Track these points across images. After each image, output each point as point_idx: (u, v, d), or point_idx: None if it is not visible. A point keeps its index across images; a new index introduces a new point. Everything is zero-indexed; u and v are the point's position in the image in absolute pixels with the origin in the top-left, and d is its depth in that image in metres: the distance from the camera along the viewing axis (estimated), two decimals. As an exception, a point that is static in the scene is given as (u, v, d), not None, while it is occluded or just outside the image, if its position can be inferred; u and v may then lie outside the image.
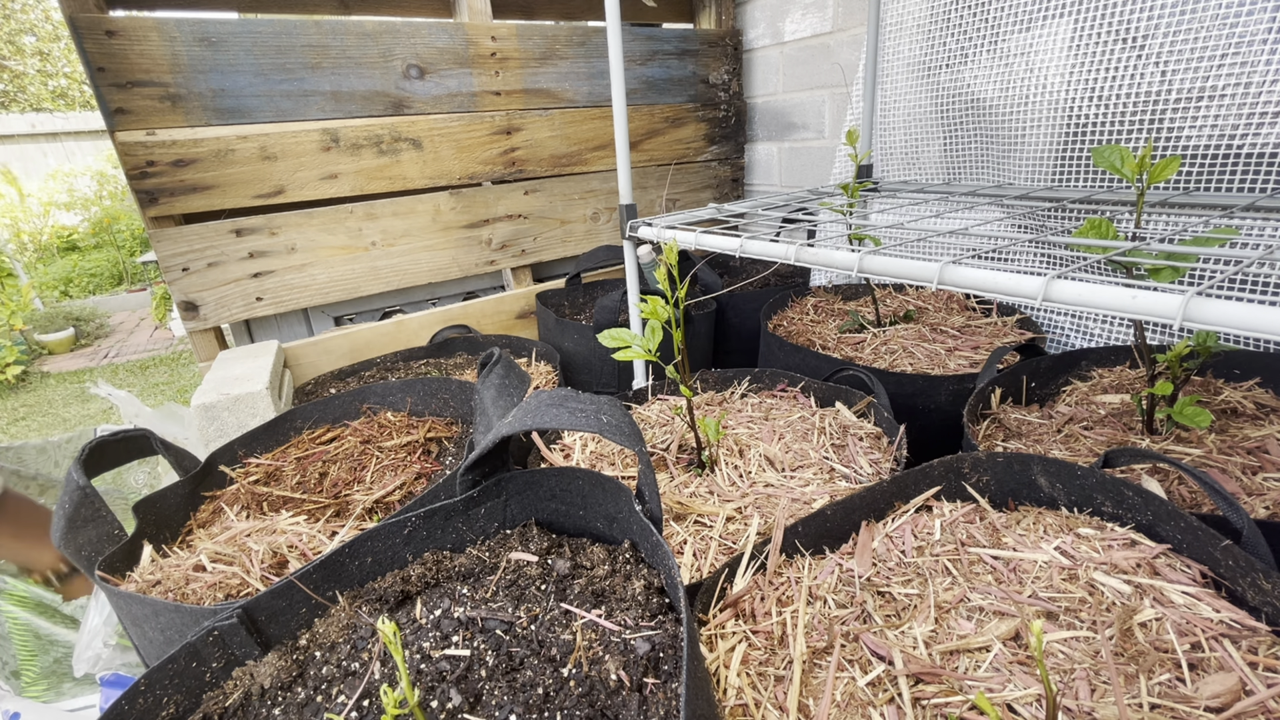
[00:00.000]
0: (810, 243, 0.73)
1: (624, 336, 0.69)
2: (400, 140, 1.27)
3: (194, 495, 0.80)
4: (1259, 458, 0.66)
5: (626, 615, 0.43)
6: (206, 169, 1.11)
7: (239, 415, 0.94)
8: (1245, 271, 0.87)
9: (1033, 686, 0.42)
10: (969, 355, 1.00)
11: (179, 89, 1.07)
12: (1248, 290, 0.89)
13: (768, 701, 0.44)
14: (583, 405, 0.49)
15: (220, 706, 0.43)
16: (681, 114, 1.64)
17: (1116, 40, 0.93)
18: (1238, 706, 0.39)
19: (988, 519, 0.59)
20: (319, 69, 1.17)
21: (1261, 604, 0.46)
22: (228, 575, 0.62)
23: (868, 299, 1.30)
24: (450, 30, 1.27)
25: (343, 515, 0.75)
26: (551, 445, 0.83)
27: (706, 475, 0.74)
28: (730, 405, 0.92)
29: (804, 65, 1.54)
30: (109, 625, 0.89)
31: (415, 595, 0.50)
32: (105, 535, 0.66)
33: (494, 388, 0.73)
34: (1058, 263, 1.09)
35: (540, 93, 1.42)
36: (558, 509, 0.54)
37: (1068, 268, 0.52)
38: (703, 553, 0.61)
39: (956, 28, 1.14)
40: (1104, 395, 0.83)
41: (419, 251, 1.36)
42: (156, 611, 0.56)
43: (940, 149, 1.25)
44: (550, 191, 1.49)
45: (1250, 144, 0.85)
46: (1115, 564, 0.51)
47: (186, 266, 1.13)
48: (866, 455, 0.75)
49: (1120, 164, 0.64)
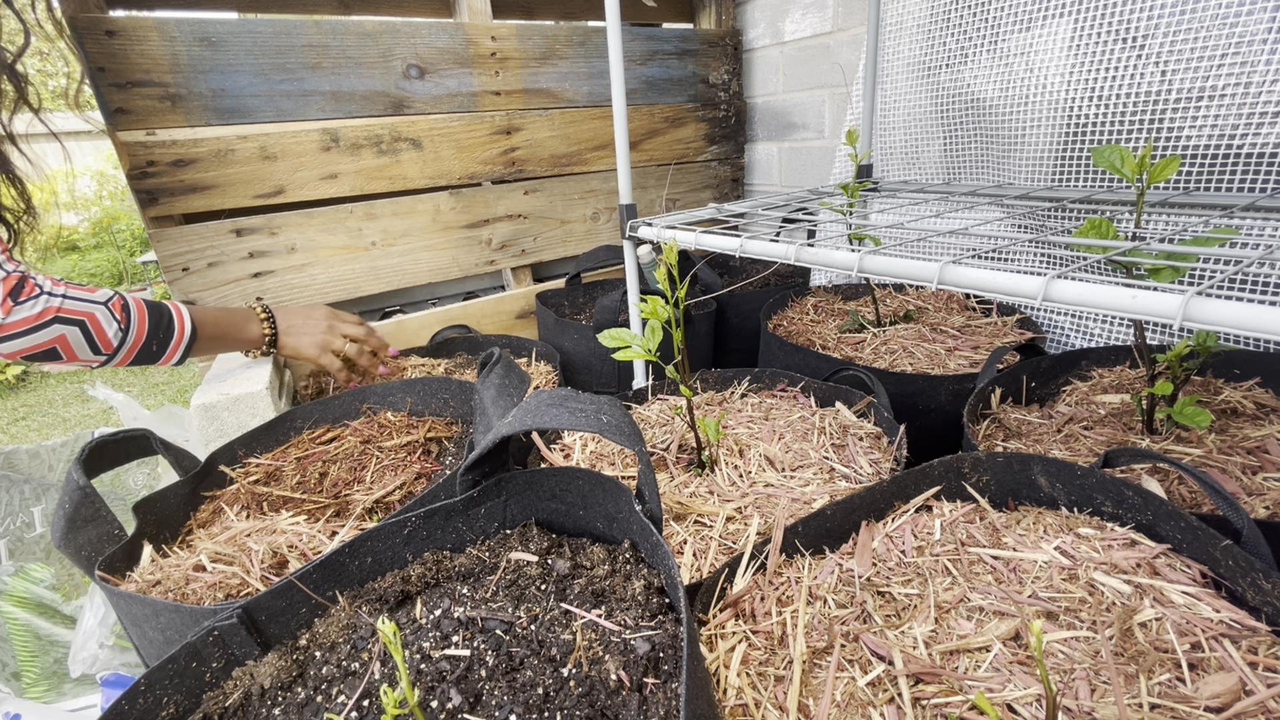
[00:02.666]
0: (810, 243, 0.73)
1: (624, 336, 0.69)
2: (400, 140, 1.27)
3: (194, 495, 0.80)
4: (1259, 458, 0.66)
5: (626, 615, 0.43)
6: (206, 169, 1.11)
7: (239, 415, 0.94)
8: (1245, 271, 0.87)
9: (1033, 686, 0.42)
10: (969, 355, 1.00)
11: (179, 89, 1.07)
12: (1248, 290, 0.89)
13: (768, 701, 0.44)
14: (583, 405, 0.49)
15: (220, 706, 0.43)
16: (681, 114, 1.64)
17: (1116, 40, 0.93)
18: (1238, 706, 0.39)
19: (988, 519, 0.59)
20: (319, 69, 1.17)
21: (1261, 604, 0.46)
22: (228, 575, 0.62)
23: (868, 299, 1.30)
24: (450, 30, 1.27)
25: (343, 515, 0.75)
26: (551, 445, 0.83)
27: (706, 475, 0.74)
28: (730, 405, 0.92)
29: (804, 65, 1.54)
30: (104, 626, 0.89)
31: (415, 595, 0.50)
32: (105, 535, 0.66)
33: (494, 388, 0.73)
34: (1058, 263, 1.09)
35: (540, 93, 1.42)
36: (558, 509, 0.54)
37: (1068, 268, 0.52)
38: (703, 553, 0.61)
39: (956, 28, 1.14)
40: (1104, 395, 0.83)
41: (419, 251, 1.36)
42: (156, 611, 0.56)
43: (940, 149, 1.25)
44: (550, 191, 1.49)
45: (1250, 144, 0.85)
46: (1115, 564, 0.51)
47: (186, 266, 1.13)
48: (866, 455, 0.75)
49: (1120, 164, 0.64)
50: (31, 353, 0.76)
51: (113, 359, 0.82)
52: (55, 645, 1.04)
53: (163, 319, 0.86)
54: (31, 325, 0.74)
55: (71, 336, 0.77)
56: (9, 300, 0.73)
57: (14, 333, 0.73)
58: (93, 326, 0.79)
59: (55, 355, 0.77)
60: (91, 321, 0.79)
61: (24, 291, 0.74)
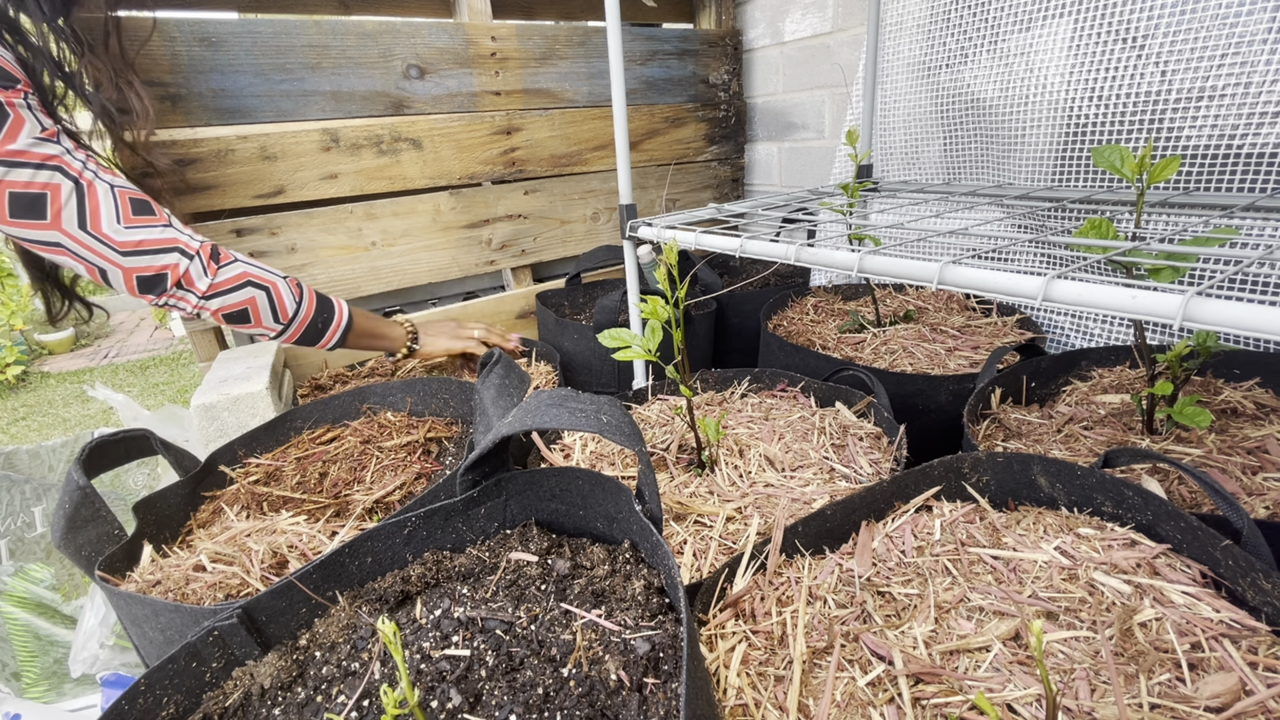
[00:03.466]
0: (810, 243, 0.73)
1: (624, 336, 0.69)
2: (400, 140, 1.27)
3: (194, 495, 0.80)
4: (1259, 458, 0.66)
5: (626, 615, 0.43)
6: (206, 169, 1.11)
7: (239, 415, 0.94)
8: (1245, 271, 0.87)
9: (1033, 686, 0.42)
10: (969, 355, 1.00)
11: (179, 89, 1.07)
12: (1248, 290, 0.89)
13: (768, 701, 0.44)
14: (583, 405, 0.49)
15: (220, 706, 0.43)
16: (681, 114, 1.64)
17: (1116, 40, 0.93)
18: (1238, 706, 0.39)
19: (988, 519, 0.59)
20: (319, 69, 1.17)
21: (1261, 604, 0.46)
22: (228, 575, 0.62)
23: (868, 299, 1.30)
24: (450, 30, 1.27)
25: (343, 515, 0.75)
26: (551, 445, 0.83)
27: (706, 475, 0.74)
28: (730, 405, 0.92)
29: (804, 65, 1.54)
30: (105, 626, 0.89)
31: (415, 595, 0.50)
32: (105, 535, 0.66)
33: (494, 388, 0.73)
34: (1058, 263, 1.09)
35: (540, 93, 1.42)
36: (558, 509, 0.54)
37: (1068, 268, 0.52)
38: (703, 553, 0.61)
39: (956, 28, 1.14)
40: (1104, 395, 0.83)
41: (419, 251, 1.36)
42: (156, 611, 0.56)
43: (940, 149, 1.25)
44: (550, 191, 1.49)
45: (1250, 144, 0.85)
46: (1115, 564, 0.51)
47: (186, 266, 1.13)
48: (866, 455, 0.75)
49: (1120, 164, 0.64)
50: (231, 310, 0.87)
51: (288, 329, 0.93)
52: (55, 645, 1.04)
53: (326, 302, 0.97)
54: (232, 285, 0.86)
55: (260, 300, 0.89)
56: (212, 263, 0.85)
57: (220, 290, 0.86)
58: (274, 295, 0.90)
59: (246, 317, 0.89)
60: (274, 290, 0.90)
61: (222, 257, 0.87)
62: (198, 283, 0.84)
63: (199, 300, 0.85)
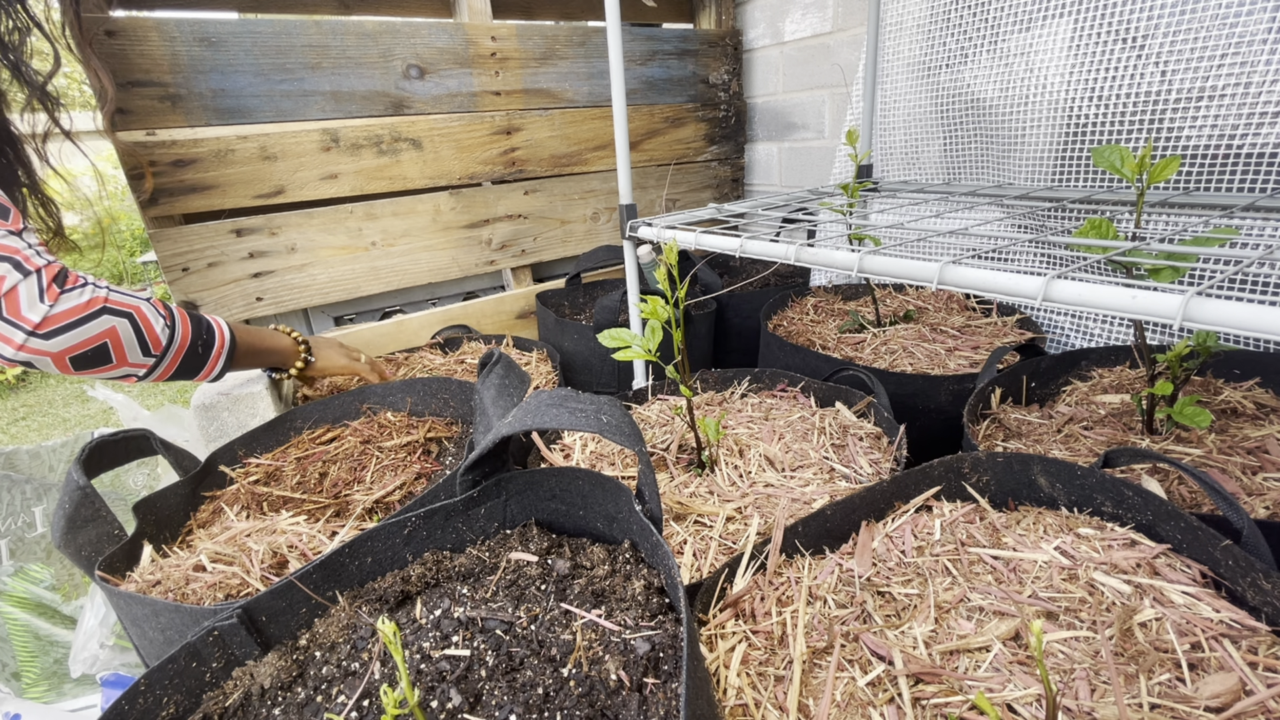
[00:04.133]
0: (810, 243, 0.73)
1: (624, 336, 0.69)
2: (400, 140, 1.27)
3: (194, 495, 0.80)
4: (1259, 458, 0.66)
5: (626, 615, 0.43)
6: (206, 169, 1.11)
7: (239, 415, 0.94)
8: (1245, 271, 0.87)
9: (1033, 686, 0.42)
10: (969, 355, 1.00)
11: (179, 89, 1.07)
12: (1248, 290, 0.89)
13: (768, 701, 0.44)
14: (583, 405, 0.49)
15: (220, 706, 0.43)
16: (681, 114, 1.64)
17: (1116, 40, 0.93)
18: (1238, 706, 0.39)
19: (988, 519, 0.59)
20: (319, 69, 1.17)
21: (1261, 604, 0.46)
22: (228, 575, 0.62)
23: (868, 299, 1.30)
24: (450, 30, 1.27)
25: (343, 515, 0.75)
26: (551, 445, 0.83)
27: (706, 475, 0.74)
28: (730, 405, 0.92)
29: (804, 65, 1.54)
30: (105, 626, 0.89)
31: (415, 595, 0.50)
32: (105, 535, 0.66)
33: (494, 388, 0.73)
34: (1058, 263, 1.09)
35: (540, 93, 1.42)
36: (558, 509, 0.54)
37: (1068, 268, 0.52)
38: (703, 553, 0.61)
39: (956, 28, 1.14)
40: (1104, 395, 0.83)
41: (419, 251, 1.36)
42: (156, 611, 0.56)
43: (940, 149, 1.25)
44: (550, 191, 1.49)
45: (1250, 144, 0.85)
46: (1115, 564, 0.51)
47: (186, 267, 1.13)
48: (866, 455, 0.75)
49: (1120, 164, 0.64)
50: (83, 349, 0.67)
51: (160, 363, 0.75)
52: (55, 645, 1.04)
53: (201, 323, 0.81)
54: (81, 316, 0.67)
55: (122, 330, 0.70)
56: (54, 286, 0.65)
57: (64, 324, 0.65)
58: (141, 320, 0.72)
59: (106, 356, 0.70)
60: (139, 315, 0.72)
61: (69, 280, 0.67)
62: (26, 311, 0.63)
63: (25, 337, 0.63)
